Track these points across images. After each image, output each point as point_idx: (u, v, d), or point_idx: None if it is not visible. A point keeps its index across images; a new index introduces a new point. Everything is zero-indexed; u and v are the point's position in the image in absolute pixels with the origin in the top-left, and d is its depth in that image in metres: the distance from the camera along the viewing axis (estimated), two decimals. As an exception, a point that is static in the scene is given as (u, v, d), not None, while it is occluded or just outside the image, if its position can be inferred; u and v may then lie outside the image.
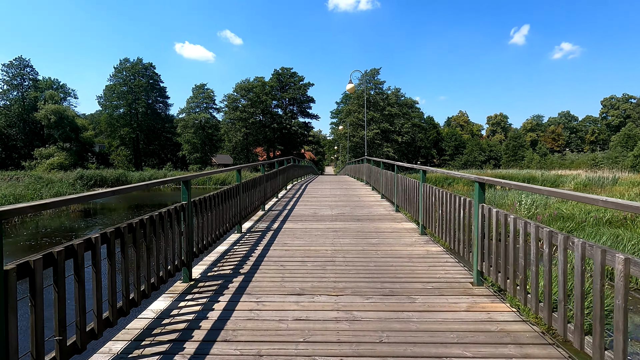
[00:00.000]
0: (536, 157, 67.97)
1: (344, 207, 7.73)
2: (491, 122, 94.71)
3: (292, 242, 4.66)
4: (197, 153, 54.95)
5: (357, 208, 7.53)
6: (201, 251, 3.60)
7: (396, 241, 4.71)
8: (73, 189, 27.63)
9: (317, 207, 7.64)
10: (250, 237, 4.93)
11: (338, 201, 8.64)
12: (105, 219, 15.23)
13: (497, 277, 2.78)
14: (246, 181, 5.69)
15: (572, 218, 11.76)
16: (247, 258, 3.97)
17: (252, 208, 6.18)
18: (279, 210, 7.33)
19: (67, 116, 46.91)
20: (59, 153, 45.55)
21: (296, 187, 12.34)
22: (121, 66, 53.97)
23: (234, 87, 54.48)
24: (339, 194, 10.15)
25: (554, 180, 39.21)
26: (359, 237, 4.92)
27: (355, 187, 12.34)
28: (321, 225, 5.77)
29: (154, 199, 24.21)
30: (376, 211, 7.12)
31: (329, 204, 8.11)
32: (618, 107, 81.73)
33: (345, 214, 6.78)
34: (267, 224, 5.85)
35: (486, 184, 3.13)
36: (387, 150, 51.44)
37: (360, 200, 8.85)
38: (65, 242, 1.89)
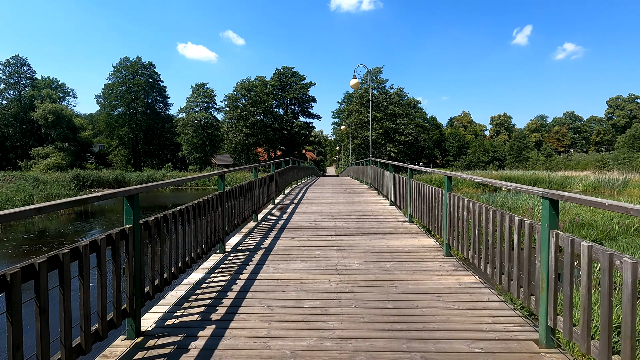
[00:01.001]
0: (541, 157, 66.88)
1: (348, 216, 6.78)
2: (494, 123, 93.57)
3: (286, 267, 3.71)
4: (197, 153, 54.12)
5: (364, 218, 6.57)
6: (159, 289, 2.66)
7: (416, 266, 3.76)
8: (68, 191, 26.77)
9: (318, 217, 6.69)
10: (233, 260, 3.98)
11: (341, 208, 7.69)
12: (86, 225, 14.33)
13: (587, 344, 1.83)
14: (232, 188, 4.74)
15: (593, 225, 10.76)
16: (225, 294, 3.02)
17: (241, 219, 5.24)
18: (274, 220, 6.38)
19: (65, 115, 46.14)
20: (56, 153, 44.79)
21: (295, 191, 11.40)
22: (120, 65, 53.23)
23: (235, 86, 53.58)
24: (342, 200, 9.20)
25: (561, 182, 38.14)
26: (369, 260, 3.97)
27: (360, 191, 11.39)
28: (322, 241, 4.82)
29: (155, 201, 23.33)
30: (386, 222, 6.16)
31: (331, 213, 7.16)
32: (624, 108, 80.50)
33: (350, 226, 5.82)
34: (258, 240, 4.90)
35: (559, 200, 2.18)
36: (390, 150, 50.41)
37: (367, 207, 7.89)
38: None
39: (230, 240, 4.84)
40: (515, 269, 2.55)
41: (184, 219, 3.12)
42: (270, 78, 55.52)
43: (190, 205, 3.26)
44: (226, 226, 4.43)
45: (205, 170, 49.42)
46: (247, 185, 5.55)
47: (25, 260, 1.51)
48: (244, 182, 5.54)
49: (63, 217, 16.00)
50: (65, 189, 26.57)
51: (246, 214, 5.52)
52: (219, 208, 4.14)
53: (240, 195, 5.12)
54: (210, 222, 3.81)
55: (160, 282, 2.64)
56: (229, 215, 4.58)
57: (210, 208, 3.80)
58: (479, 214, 3.23)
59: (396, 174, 7.36)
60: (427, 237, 5.01)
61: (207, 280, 3.34)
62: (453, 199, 3.88)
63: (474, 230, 3.33)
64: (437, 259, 3.99)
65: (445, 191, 4.10)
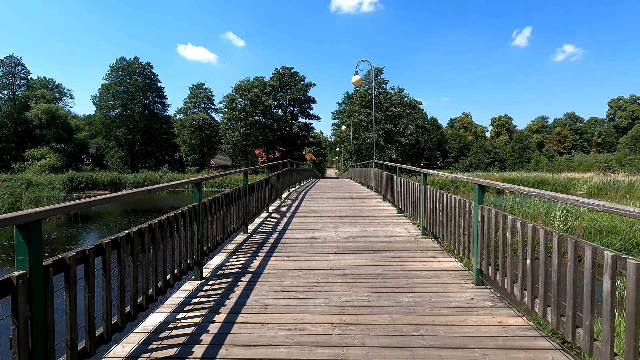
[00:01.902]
0: (543, 159, 66.23)
1: (351, 226, 5.97)
2: (495, 124, 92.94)
3: (276, 303, 2.89)
4: (195, 155, 53.33)
5: (370, 229, 5.76)
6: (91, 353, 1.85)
7: (442, 300, 2.94)
8: (58, 193, 25.90)
9: (317, 227, 5.87)
10: (211, 292, 3.16)
11: (344, 217, 6.88)
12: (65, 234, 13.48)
13: None
14: (214, 199, 3.93)
15: (613, 231, 9.95)
16: (190, 351, 2.20)
17: (226, 234, 4.42)
18: (267, 232, 5.56)
19: (60, 116, 45.30)
20: (51, 154, 43.93)
21: (293, 196, 10.59)
22: (117, 65, 52.47)
23: (233, 86, 52.80)
24: (343, 206, 8.38)
25: (565, 184, 37.43)
26: (382, 290, 3.16)
27: (363, 196, 10.58)
28: (322, 262, 4.00)
29: (154, 204, 22.51)
30: (396, 234, 5.35)
31: (332, 222, 6.34)
32: (625, 109, 79.92)
33: (354, 240, 5.01)
34: (246, 260, 4.08)
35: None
36: (391, 152, 49.62)
37: (372, 215, 7.08)
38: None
39: (211, 261, 4.02)
40: (607, 324, 1.74)
41: (136, 247, 2.30)
42: (269, 78, 54.77)
43: (147, 226, 2.44)
44: (204, 246, 3.62)
45: (203, 172, 48.59)
46: (234, 194, 4.73)
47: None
48: (231, 189, 4.73)
49: (52, 221, 15.17)
50: (55, 191, 25.70)
51: (233, 226, 4.70)
52: (195, 224, 3.33)
53: (225, 205, 4.30)
54: (179, 244, 3.00)
55: (90, 345, 1.82)
56: (209, 231, 3.77)
57: (179, 226, 2.99)
58: (531, 238, 2.42)
59: (405, 179, 6.55)
60: (448, 256, 4.20)
61: (171, 325, 2.51)
62: (488, 214, 3.07)
63: (524, 258, 2.52)
64: (466, 289, 3.18)
65: (475, 203, 3.29)
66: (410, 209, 6.12)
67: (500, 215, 2.87)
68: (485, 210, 3.13)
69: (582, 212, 12.08)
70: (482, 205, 3.23)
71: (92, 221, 15.68)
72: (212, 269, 3.75)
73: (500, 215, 2.87)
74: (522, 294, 2.54)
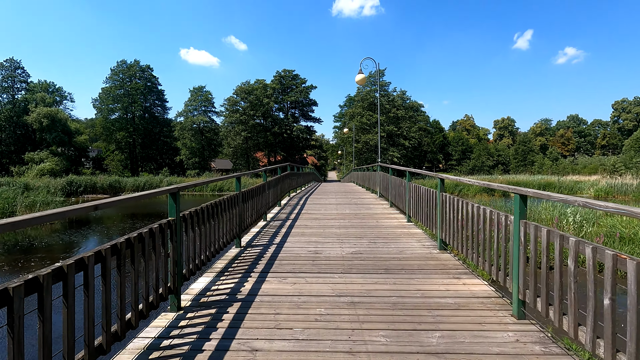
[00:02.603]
0: (547, 161, 65.45)
1: (358, 238, 5.34)
2: (498, 126, 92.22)
3: (268, 348, 2.26)
4: (196, 158, 52.88)
5: (379, 241, 5.13)
6: None
7: (480, 343, 2.30)
8: (55, 198, 25.37)
9: (320, 240, 5.25)
10: (187, 330, 2.52)
11: (349, 226, 6.25)
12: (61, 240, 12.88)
13: None
14: (196, 210, 3.30)
15: (634, 239, 9.27)
16: None
17: (212, 252, 3.80)
18: (263, 245, 4.94)
19: (60, 119, 44.94)
20: (51, 158, 43.55)
21: (294, 202, 9.96)
22: (118, 68, 52.21)
23: (234, 89, 52.43)
24: (348, 214, 7.75)
25: (572, 187, 36.73)
26: (401, 328, 2.52)
27: (368, 202, 9.94)
28: (326, 285, 3.37)
29: (154, 208, 21.94)
30: (408, 248, 4.71)
31: (336, 233, 5.71)
32: (630, 111, 79.13)
33: (362, 255, 4.38)
34: (235, 284, 3.45)
35: None
36: (393, 154, 48.97)
37: (379, 224, 6.45)
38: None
39: (195, 284, 3.40)
40: None
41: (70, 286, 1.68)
42: (270, 81, 54.34)
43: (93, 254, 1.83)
44: (184, 268, 3.00)
45: (204, 175, 48.09)
46: (224, 203, 4.11)
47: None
48: (222, 197, 4.12)
49: (43, 227, 14.59)
50: (52, 196, 25.17)
51: (223, 241, 4.08)
52: (170, 243, 2.72)
53: (212, 217, 3.68)
54: (146, 271, 2.38)
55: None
56: (190, 250, 3.15)
57: (146, 249, 2.37)
58: (611, 271, 1.79)
59: (417, 184, 5.91)
60: (474, 277, 3.56)
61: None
62: (536, 233, 2.44)
63: (596, 297, 1.89)
64: (506, 325, 2.54)
65: (515, 217, 2.66)
66: (424, 218, 5.48)
67: (555, 235, 2.24)
68: (530, 227, 2.50)
69: (597, 216, 11.37)
70: (524, 220, 2.60)
71: (87, 227, 15.09)
72: (195, 295, 3.12)
73: (555, 236, 2.24)
74: (595, 343, 1.90)
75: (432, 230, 5.08)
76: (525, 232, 2.57)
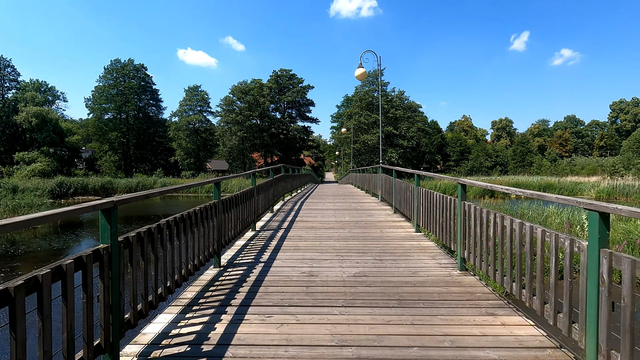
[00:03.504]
0: (545, 162, 65.10)
1: (361, 253, 4.53)
2: (496, 127, 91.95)
3: None
4: (191, 158, 51.91)
5: (386, 257, 4.32)
6: None
7: None
8: (42, 200, 24.38)
9: (315, 256, 4.44)
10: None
11: (349, 237, 5.45)
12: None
13: None
14: (148, 230, 2.48)
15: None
16: None
17: (178, 280, 2.97)
18: (247, 265, 4.12)
19: (51, 119, 43.83)
20: (42, 158, 42.45)
21: (288, 207, 9.15)
22: (111, 67, 51.17)
23: (230, 89, 51.51)
24: (348, 222, 6.95)
25: (572, 189, 36.18)
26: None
27: (369, 207, 9.14)
28: (322, 328, 2.55)
29: (147, 210, 21.01)
30: (423, 268, 3.91)
31: (335, 247, 4.91)
32: (628, 111, 79.03)
33: (368, 278, 3.57)
34: (203, 327, 2.62)
35: None
36: (391, 155, 48.26)
37: (384, 234, 5.65)
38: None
39: (148, 327, 2.57)
40: None
41: None
42: (267, 81, 53.49)
43: None
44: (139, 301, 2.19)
45: (199, 176, 47.16)
46: (197, 215, 3.29)
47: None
48: (195, 207, 3.31)
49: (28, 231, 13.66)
50: (38, 198, 24.18)
51: (193, 264, 3.26)
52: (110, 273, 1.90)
53: (176, 236, 2.86)
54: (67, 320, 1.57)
55: None
56: (139, 287, 2.32)
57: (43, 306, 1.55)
58: None
59: (428, 190, 5.11)
60: (512, 313, 2.76)
61: None
62: (631, 269, 1.65)
63: None
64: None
65: (592, 245, 1.87)
66: (437, 229, 4.69)
67: None
68: (624, 263, 1.70)
69: (611, 220, 10.60)
70: (607, 250, 1.81)
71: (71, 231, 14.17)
72: (145, 346, 2.30)
73: None
74: None
75: (448, 243, 4.29)
76: (609, 268, 1.78)
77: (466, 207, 3.63)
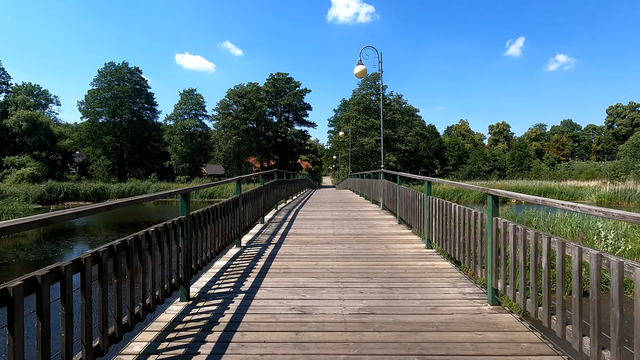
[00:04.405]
0: (544, 167, 64.75)
1: (365, 278, 3.73)
2: (493, 131, 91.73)
3: None
4: (186, 163, 50.97)
5: (396, 284, 3.52)
6: None
7: None
8: (27, 205, 23.38)
9: (309, 283, 3.63)
10: None
11: (350, 256, 4.65)
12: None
13: None
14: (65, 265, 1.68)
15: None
16: None
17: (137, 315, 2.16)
18: (224, 299, 3.30)
19: (42, 123, 42.84)
20: (32, 163, 41.39)
21: (281, 216, 8.34)
22: (105, 70, 50.34)
23: (227, 92, 50.77)
24: (348, 235, 6.15)
25: (572, 193, 35.62)
26: None
27: (370, 216, 8.35)
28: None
29: (137, 217, 20.07)
30: (445, 301, 3.12)
31: (333, 269, 4.10)
32: (625, 116, 79.13)
33: (376, 319, 2.76)
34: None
35: None
36: (389, 158, 47.60)
37: (390, 251, 4.86)
38: None
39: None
40: None
41: None
42: (263, 84, 52.83)
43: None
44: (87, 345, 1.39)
45: (194, 181, 46.23)
46: (151, 236, 2.48)
47: None
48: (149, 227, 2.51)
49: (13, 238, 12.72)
50: (22, 204, 23.19)
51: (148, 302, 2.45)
52: None
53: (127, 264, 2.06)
54: None
55: None
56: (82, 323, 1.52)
57: None
58: None
59: (447, 202, 4.32)
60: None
61: None
62: None
63: None
64: None
65: None
66: (455, 248, 3.90)
67: None
68: None
69: (626, 228, 9.87)
70: None
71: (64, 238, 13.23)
72: None
73: None
74: None
75: (470, 266, 3.51)
76: None
77: (500, 225, 2.85)
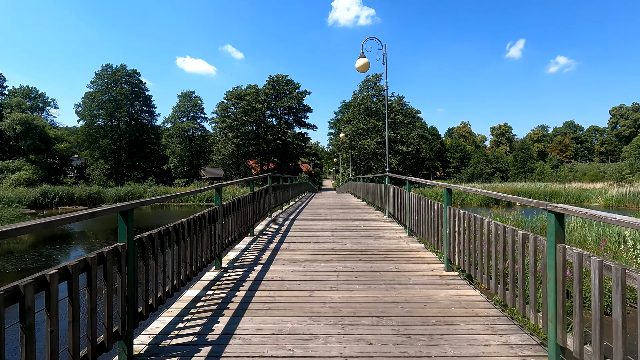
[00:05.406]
0: (547, 168, 63.82)
1: (374, 318, 2.86)
2: (495, 133, 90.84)
3: None
4: (184, 166, 50.14)
5: (415, 325, 2.65)
6: None
7: None
8: (14, 210, 22.56)
9: (301, 327, 2.76)
10: None
11: (353, 282, 3.78)
12: None
13: None
14: None
15: None
16: None
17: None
18: (186, 351, 2.44)
19: (37, 126, 42.11)
20: (27, 167, 40.63)
21: (274, 226, 7.46)
22: (102, 72, 49.67)
23: (225, 94, 50.06)
24: (350, 251, 5.27)
25: (579, 196, 34.70)
26: None
27: (375, 226, 7.47)
28: None
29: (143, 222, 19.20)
30: (483, 356, 2.26)
31: (333, 303, 3.23)
32: (628, 117, 78.27)
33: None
34: None
35: None
36: (391, 161, 46.76)
37: (402, 274, 3.99)
38: None
39: None
40: None
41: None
42: (263, 86, 52.10)
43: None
44: None
45: (192, 184, 45.33)
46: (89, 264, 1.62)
47: None
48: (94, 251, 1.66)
49: None
50: (11, 209, 22.36)
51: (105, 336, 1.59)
52: None
53: None
54: None
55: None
56: None
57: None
58: None
59: (477, 216, 3.45)
60: None
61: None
62: None
63: None
64: None
65: None
66: (491, 278, 3.03)
67: None
68: None
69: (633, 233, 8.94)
70: None
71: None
72: None
73: None
74: None
75: (518, 307, 2.64)
76: None
77: (571, 256, 1.98)
